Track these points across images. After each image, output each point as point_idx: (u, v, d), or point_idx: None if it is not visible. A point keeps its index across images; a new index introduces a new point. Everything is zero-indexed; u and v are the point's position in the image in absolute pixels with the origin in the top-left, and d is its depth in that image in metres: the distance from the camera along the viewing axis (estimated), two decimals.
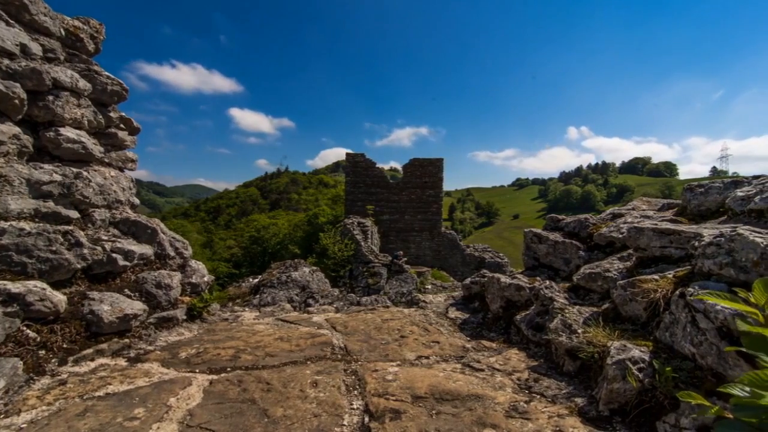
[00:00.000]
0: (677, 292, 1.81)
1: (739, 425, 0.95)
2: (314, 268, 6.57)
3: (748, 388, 0.92)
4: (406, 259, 12.66)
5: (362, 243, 13.12)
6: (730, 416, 1.02)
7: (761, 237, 1.65)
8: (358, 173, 19.86)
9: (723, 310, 1.45)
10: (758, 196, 2.37)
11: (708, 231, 2.14)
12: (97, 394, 1.84)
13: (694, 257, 1.95)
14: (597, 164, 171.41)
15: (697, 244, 1.96)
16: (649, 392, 1.59)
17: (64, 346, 2.23)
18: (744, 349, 1.05)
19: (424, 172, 20.07)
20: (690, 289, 1.73)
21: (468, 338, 2.86)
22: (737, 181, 2.91)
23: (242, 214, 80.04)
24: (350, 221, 15.28)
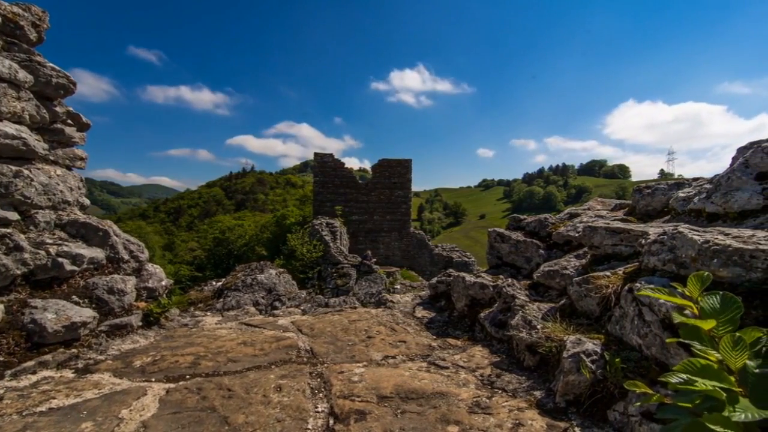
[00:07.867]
0: (626, 288, 1.92)
1: (677, 410, 1.03)
2: (281, 270, 6.43)
3: (684, 376, 0.99)
4: (375, 259, 12.68)
5: (331, 244, 13.01)
6: (670, 402, 1.10)
7: (699, 234, 1.78)
8: (326, 173, 19.69)
9: (665, 303, 1.56)
10: (697, 197, 2.57)
11: (653, 229, 2.29)
12: (38, 409, 1.70)
13: (642, 254, 2.08)
14: (558, 166, 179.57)
15: (643, 241, 2.09)
16: (601, 383, 1.68)
17: (1, 359, 2.06)
18: (682, 339, 1.13)
19: (393, 172, 20.21)
20: (637, 284, 1.84)
21: (434, 337, 2.91)
22: (680, 183, 3.14)
23: (205, 215, 77.19)
24: (319, 222, 15.12)
